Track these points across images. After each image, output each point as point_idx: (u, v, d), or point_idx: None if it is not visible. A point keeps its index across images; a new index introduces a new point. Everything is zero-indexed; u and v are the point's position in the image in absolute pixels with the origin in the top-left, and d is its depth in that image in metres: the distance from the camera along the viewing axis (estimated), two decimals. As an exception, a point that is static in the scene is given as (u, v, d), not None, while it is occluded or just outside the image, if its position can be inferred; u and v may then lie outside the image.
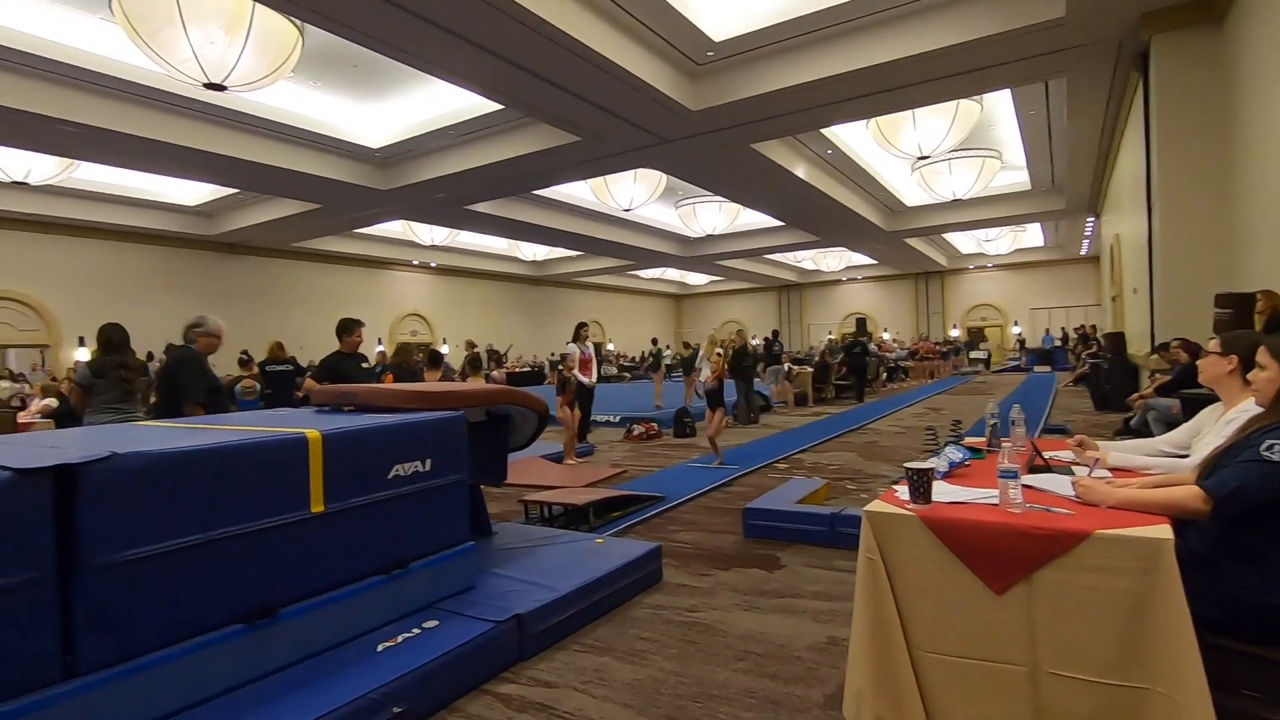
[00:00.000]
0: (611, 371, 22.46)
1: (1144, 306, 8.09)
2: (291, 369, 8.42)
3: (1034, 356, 22.59)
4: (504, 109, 9.55)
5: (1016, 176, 15.55)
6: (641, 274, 27.93)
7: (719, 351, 6.88)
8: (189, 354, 4.39)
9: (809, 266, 28.08)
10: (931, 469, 1.88)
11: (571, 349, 7.92)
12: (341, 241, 18.36)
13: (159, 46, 6.97)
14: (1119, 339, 10.69)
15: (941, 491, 1.95)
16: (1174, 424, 4.30)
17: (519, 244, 20.69)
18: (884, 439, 8.37)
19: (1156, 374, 7.27)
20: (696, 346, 12.49)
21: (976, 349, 25.14)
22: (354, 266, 20.15)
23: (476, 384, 7.11)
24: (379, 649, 2.40)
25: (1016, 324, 26.55)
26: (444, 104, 10.11)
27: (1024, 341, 25.33)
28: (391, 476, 2.62)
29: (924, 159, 11.90)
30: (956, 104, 10.26)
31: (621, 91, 8.21)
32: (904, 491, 1.92)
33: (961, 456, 2.34)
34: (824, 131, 11.67)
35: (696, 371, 11.68)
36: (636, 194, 13.61)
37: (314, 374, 5.54)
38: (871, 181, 15.28)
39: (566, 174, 12.34)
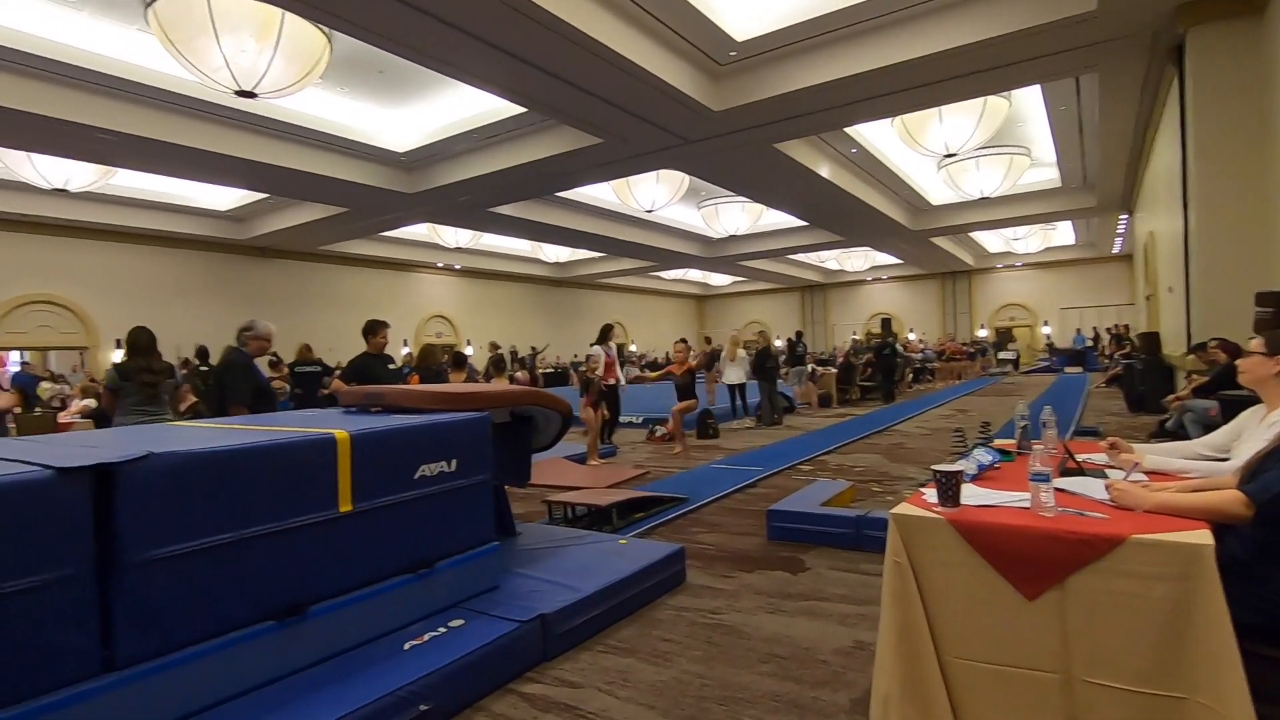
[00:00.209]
0: (633, 373, 22.47)
1: (1180, 305, 7.88)
2: (319, 370, 8.56)
3: (1064, 357, 22.13)
4: (527, 112, 9.61)
5: (1046, 174, 15.26)
6: (664, 275, 27.91)
7: (679, 346, 7.73)
8: (237, 357, 4.55)
9: (833, 266, 27.82)
10: (960, 471, 1.86)
11: (597, 350, 7.97)
12: (368, 244, 18.62)
13: (192, 55, 7.14)
14: (1153, 339, 10.44)
15: (970, 494, 1.92)
16: (1212, 426, 4.18)
17: (542, 246, 20.80)
18: (910, 441, 8.26)
19: (1193, 375, 7.09)
20: (718, 347, 12.45)
21: (1005, 349, 24.70)
22: (380, 269, 20.43)
23: (500, 385, 7.16)
24: (406, 647, 2.42)
25: (1046, 324, 26.05)
26: (468, 108, 10.20)
27: (1053, 342, 24.83)
28: (418, 477, 2.66)
29: (950, 157, 11.73)
30: (984, 101, 10.10)
31: (644, 93, 8.22)
32: (932, 494, 1.89)
33: (991, 459, 2.30)
34: (848, 130, 11.56)
35: (717, 371, 11.68)
36: (659, 195, 13.60)
37: (342, 375, 5.64)
38: (897, 180, 15.10)
39: (589, 176, 12.38)
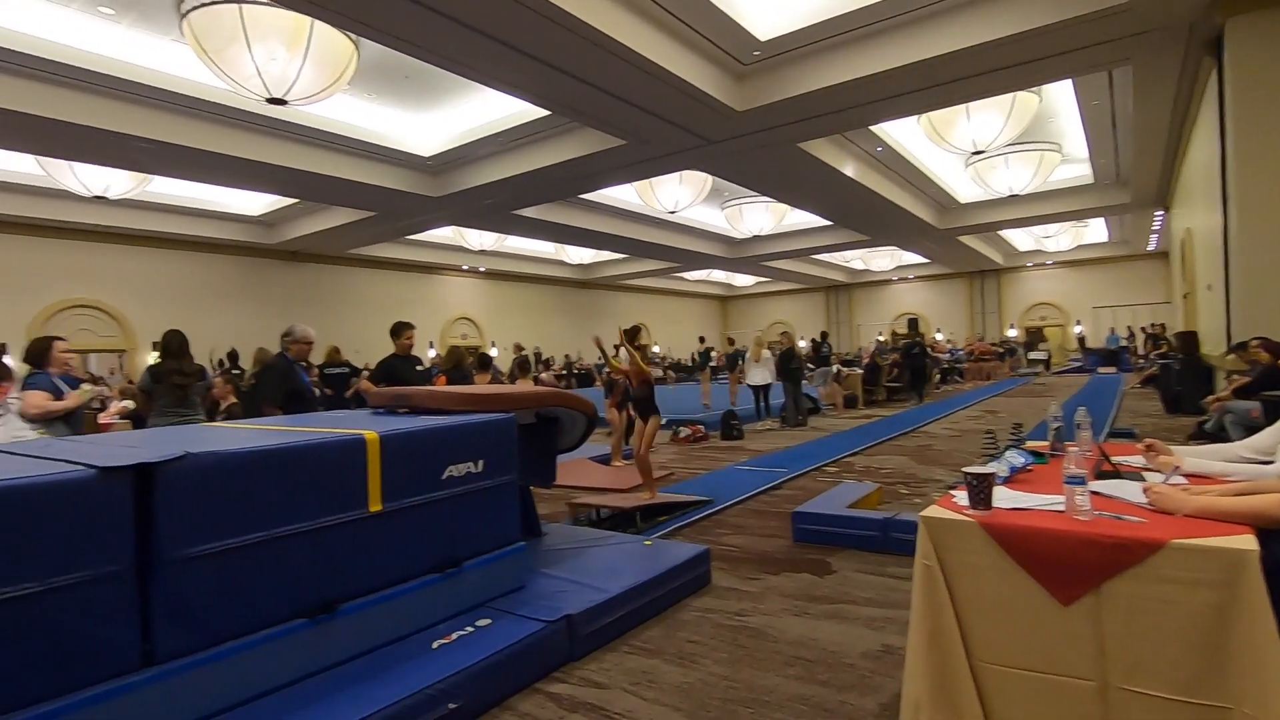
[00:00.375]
0: (656, 374, 22.47)
1: (1219, 304, 7.67)
2: (348, 371, 8.68)
3: (1097, 357, 21.63)
4: (550, 115, 9.67)
5: (1078, 170, 14.94)
6: (687, 276, 27.87)
7: (617, 346, 5.84)
8: (275, 361, 4.78)
9: (858, 266, 27.53)
10: (992, 474, 1.82)
11: (624, 352, 7.99)
12: (395, 248, 18.88)
13: (225, 64, 7.31)
14: (1191, 338, 10.16)
15: (1002, 497, 1.88)
16: (1254, 428, 4.06)
17: (565, 248, 20.91)
18: (938, 442, 8.15)
19: (1234, 375, 6.88)
20: (742, 348, 12.39)
21: (1035, 350, 24.22)
22: (406, 272, 20.69)
23: (525, 386, 7.21)
24: (434, 646, 2.45)
25: (1078, 323, 25.49)
26: (492, 111, 10.30)
27: (1084, 341, 24.28)
28: (445, 477, 2.68)
29: (979, 154, 11.55)
30: (1013, 96, 9.92)
31: (667, 94, 8.22)
32: (962, 497, 1.86)
33: (1023, 461, 2.26)
34: (873, 128, 11.44)
35: (740, 370, 11.62)
36: (682, 196, 13.59)
37: (371, 376, 5.73)
38: (923, 178, 14.90)
39: (612, 177, 12.41)
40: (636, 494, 5.20)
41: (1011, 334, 26.31)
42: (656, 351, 27.09)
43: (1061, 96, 10.96)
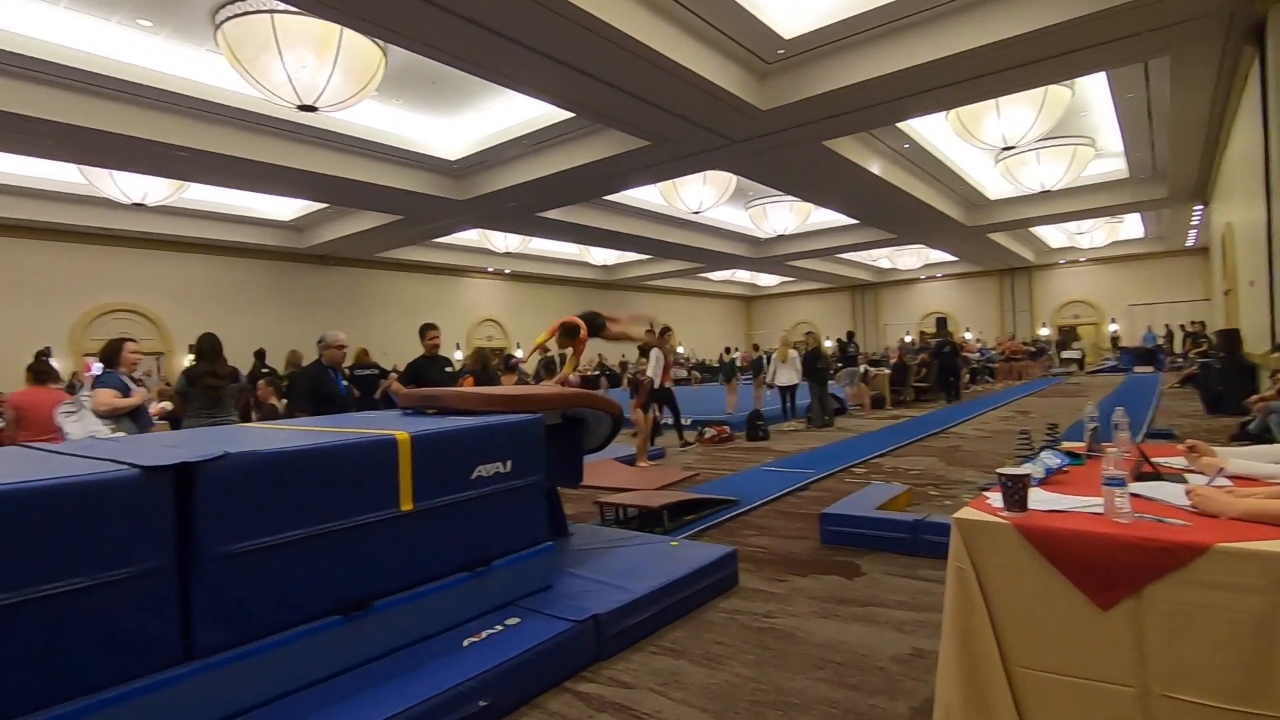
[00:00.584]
0: (681, 374, 22.46)
1: (1262, 300, 7.42)
2: (377, 372, 8.82)
3: (1132, 356, 21.05)
4: (574, 117, 9.71)
5: (1112, 164, 14.58)
6: (711, 276, 27.78)
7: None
8: (308, 367, 4.96)
9: (884, 265, 27.20)
10: (1027, 475, 1.79)
11: (656, 353, 8.12)
12: (421, 251, 19.10)
13: (257, 72, 7.47)
14: (1233, 336, 9.85)
15: (1038, 499, 1.85)
16: (1301, 429, 3.93)
17: (589, 249, 20.97)
18: (968, 443, 8.02)
19: (1278, 374, 6.67)
20: (768, 353, 12.31)
21: (1069, 349, 23.69)
22: (433, 274, 20.93)
23: (551, 387, 7.24)
24: (465, 644, 2.48)
25: (1113, 322, 24.89)
26: (516, 114, 10.37)
27: (1118, 339, 23.68)
28: (474, 477, 2.71)
29: (1009, 150, 11.35)
30: (1044, 90, 9.73)
31: (690, 95, 8.21)
32: (996, 498, 1.83)
33: (1059, 462, 2.21)
34: (900, 125, 11.29)
35: (765, 373, 11.56)
36: (706, 196, 13.55)
37: (400, 377, 5.82)
38: (951, 175, 14.67)
39: (636, 179, 12.42)
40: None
41: (1044, 333, 25.78)
42: (681, 352, 27.06)
43: (1095, 89, 10.72)
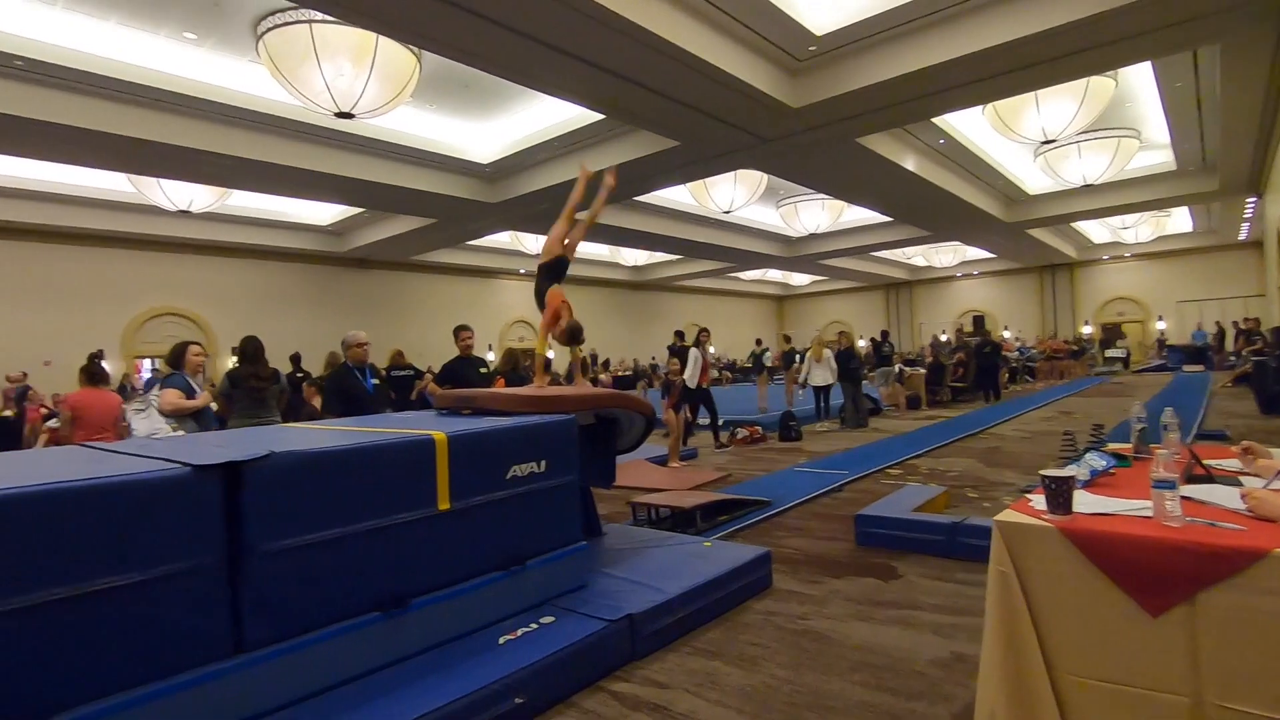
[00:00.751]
0: (712, 374, 22.37)
1: (1322, 296, 7.11)
2: (412, 374, 8.98)
3: (1180, 354, 20.33)
4: (605, 119, 9.75)
5: (1159, 156, 14.10)
6: (742, 276, 27.61)
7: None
8: (337, 368, 5.03)
9: (919, 263, 26.74)
10: (1072, 477, 1.75)
11: (695, 353, 8.21)
12: (455, 253, 19.38)
13: (297, 81, 7.67)
14: (1290, 333, 9.46)
15: (1083, 502, 1.80)
16: (1365, 430, 3.75)
17: (620, 250, 21.02)
18: (1008, 444, 7.84)
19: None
20: (798, 348, 12.20)
21: (1113, 347, 22.97)
22: (466, 276, 21.21)
23: (583, 388, 7.28)
24: (500, 641, 2.51)
25: (1160, 319, 24.07)
26: (548, 117, 10.46)
27: (1164, 338, 22.88)
28: (510, 477, 2.75)
29: (1049, 143, 11.05)
30: (1086, 81, 9.45)
31: (721, 94, 8.17)
32: (1039, 501, 1.79)
33: (1105, 464, 2.15)
34: (935, 120, 11.08)
35: (796, 370, 11.45)
36: (736, 195, 13.49)
37: (436, 378, 5.92)
38: (989, 170, 14.35)
39: (666, 179, 12.42)
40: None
41: (1086, 331, 25.06)
42: (711, 352, 26.95)
43: (1140, 79, 10.37)
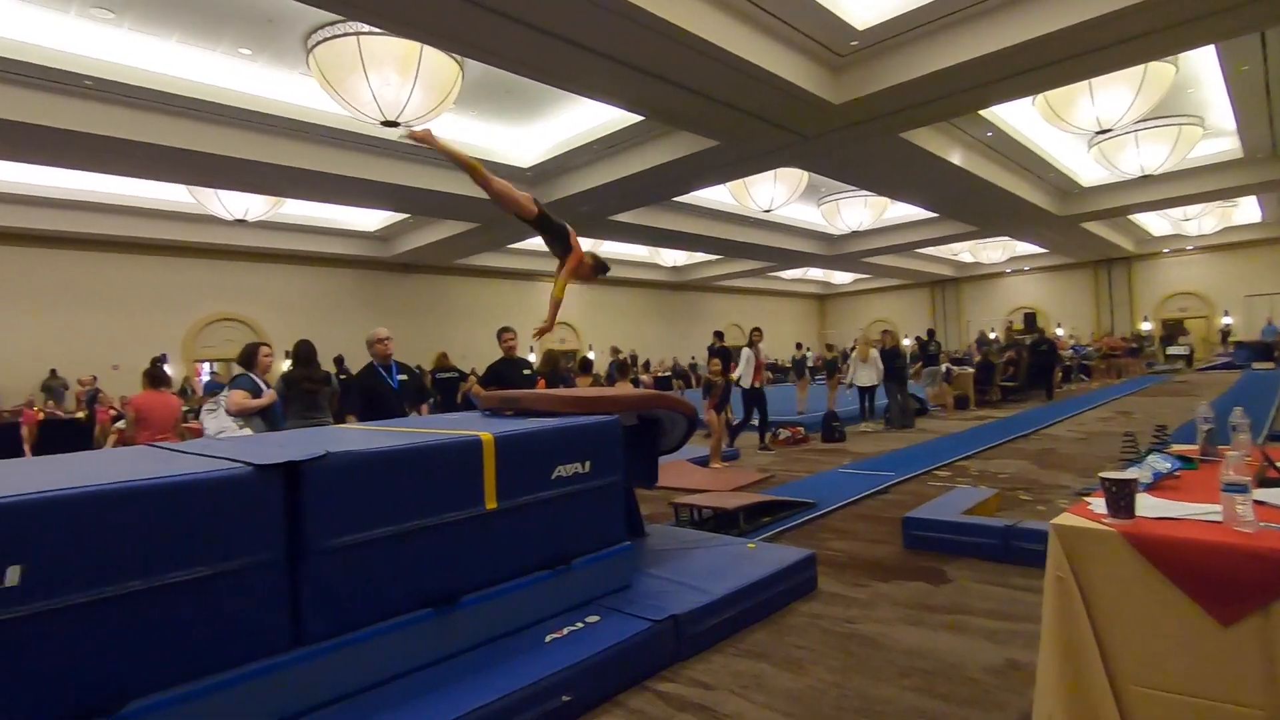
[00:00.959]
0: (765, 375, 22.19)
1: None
2: (457, 375, 9.16)
3: (1248, 351, 19.27)
4: (644, 120, 9.78)
5: (1224, 144, 13.47)
6: (783, 275, 27.33)
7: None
8: (362, 369, 5.10)
9: (966, 259, 26.05)
10: (1134, 479, 1.69)
11: (748, 353, 8.23)
12: (497, 257, 19.67)
13: (345, 92, 7.91)
14: (1371, 328, 8.91)
15: (1147, 506, 1.74)
16: None
17: (659, 251, 21.03)
18: (1062, 445, 7.58)
19: None
20: (844, 350, 12.03)
21: (1175, 344, 21.98)
22: (509, 279, 21.51)
23: (625, 388, 7.32)
24: (547, 640, 2.54)
25: (1226, 314, 22.93)
26: (588, 120, 10.55)
27: (1228, 333, 21.77)
28: (554, 477, 2.78)
29: (1104, 133, 10.66)
30: (1144, 67, 9.07)
31: (761, 92, 8.12)
32: (1099, 504, 1.73)
33: (1169, 466, 2.07)
34: (982, 113, 10.79)
35: (841, 373, 11.28)
36: (777, 194, 13.36)
37: (480, 379, 6.02)
38: (1040, 163, 13.90)
39: (706, 179, 12.39)
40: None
41: (1145, 327, 24.05)
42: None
43: (1203, 63, 9.91)
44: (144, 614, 1.79)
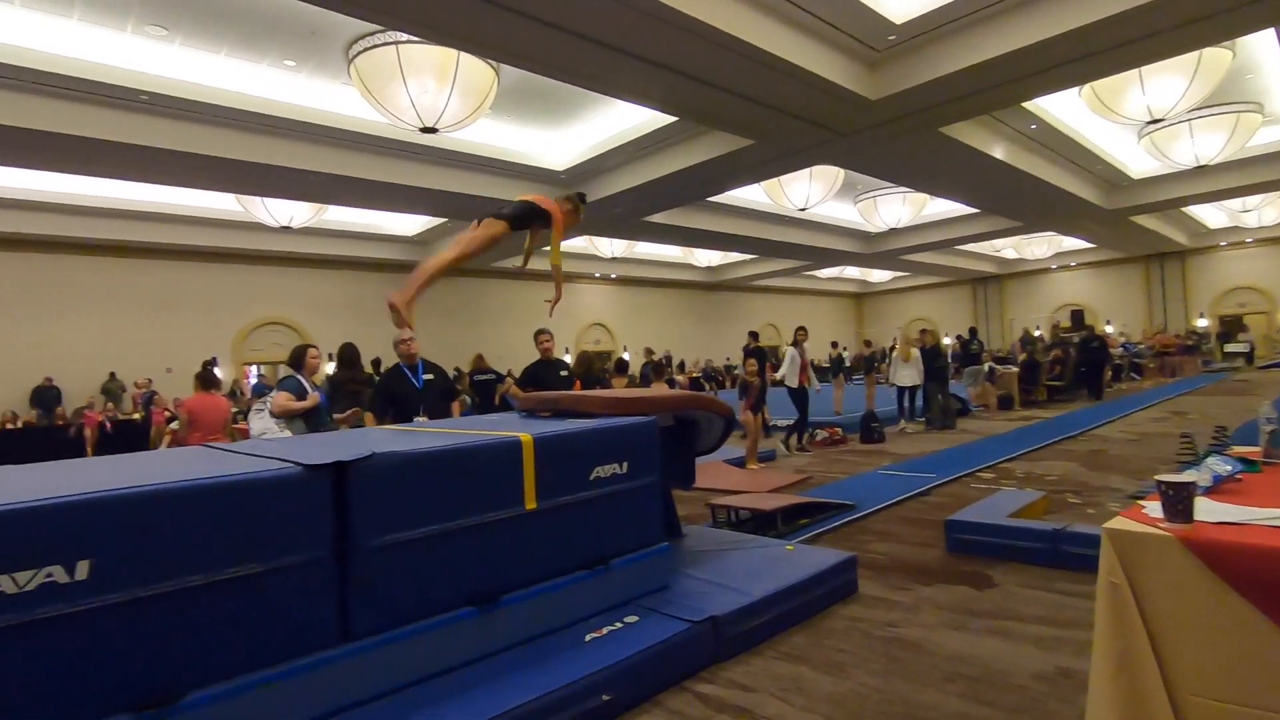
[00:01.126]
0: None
1: None
2: (494, 377, 9.28)
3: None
4: (678, 121, 9.78)
5: (1286, 131, 12.87)
6: (819, 274, 26.99)
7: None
8: (387, 370, 5.14)
9: (1010, 255, 25.35)
10: (1193, 483, 1.63)
11: (793, 353, 8.21)
12: (532, 259, 19.82)
13: (385, 100, 8.09)
14: None
15: (1206, 510, 1.67)
16: None
17: (693, 251, 20.98)
18: (1113, 447, 7.33)
19: None
20: (883, 349, 11.84)
21: (1234, 341, 21.07)
22: (544, 282, 21.52)
23: (660, 389, 7.32)
24: (586, 639, 2.56)
25: (1291, 309, 21.91)
26: (622, 122, 10.59)
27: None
28: (593, 478, 2.80)
29: (1155, 123, 10.27)
30: (1198, 54, 8.72)
31: (796, 90, 8.04)
32: (1154, 508, 1.67)
33: (1230, 469, 1.98)
34: (1025, 105, 10.50)
35: (878, 372, 11.11)
36: (812, 192, 13.21)
37: (518, 381, 6.09)
38: (1086, 155, 13.45)
39: (741, 178, 12.32)
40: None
41: (1201, 324, 23.10)
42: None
43: (1263, 46, 9.46)
44: (201, 608, 1.86)
